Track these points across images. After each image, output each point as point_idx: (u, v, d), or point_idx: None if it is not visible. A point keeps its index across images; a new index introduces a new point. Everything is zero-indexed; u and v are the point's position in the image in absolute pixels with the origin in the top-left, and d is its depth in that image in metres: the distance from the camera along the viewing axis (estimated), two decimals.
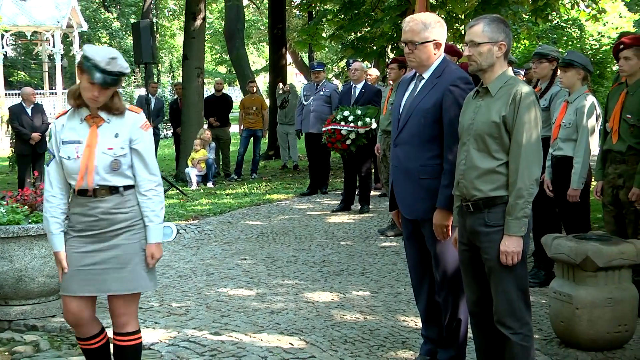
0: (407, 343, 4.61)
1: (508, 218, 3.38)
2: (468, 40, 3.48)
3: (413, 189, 3.92)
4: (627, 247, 4.30)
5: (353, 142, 9.28)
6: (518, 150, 3.36)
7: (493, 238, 3.42)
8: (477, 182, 3.44)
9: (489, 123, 3.41)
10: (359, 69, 9.72)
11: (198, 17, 13.27)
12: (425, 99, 3.88)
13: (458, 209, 3.63)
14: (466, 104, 3.62)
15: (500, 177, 3.41)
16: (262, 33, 38.17)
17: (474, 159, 3.45)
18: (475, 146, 3.46)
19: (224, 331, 4.87)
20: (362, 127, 9.19)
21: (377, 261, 6.97)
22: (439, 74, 3.89)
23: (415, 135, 3.90)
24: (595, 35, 24.12)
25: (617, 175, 5.16)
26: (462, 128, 3.57)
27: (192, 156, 12.66)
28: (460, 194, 3.55)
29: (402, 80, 4.21)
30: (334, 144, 9.47)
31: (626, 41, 5.11)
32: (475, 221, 3.48)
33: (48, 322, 5.14)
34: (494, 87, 3.46)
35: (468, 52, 3.48)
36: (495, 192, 3.42)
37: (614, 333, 4.27)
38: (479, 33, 3.44)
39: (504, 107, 3.39)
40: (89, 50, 3.43)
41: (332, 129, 9.36)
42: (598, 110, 5.45)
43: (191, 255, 7.34)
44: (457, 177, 3.58)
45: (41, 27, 30.05)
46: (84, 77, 3.39)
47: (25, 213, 5.28)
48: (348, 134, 9.22)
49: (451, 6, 13.14)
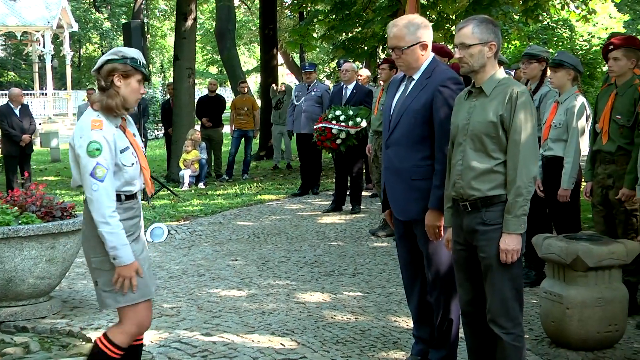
0: (398, 343, 4.61)
1: (507, 216, 3.39)
2: (458, 42, 3.48)
3: (405, 190, 3.93)
4: (617, 247, 4.31)
5: (343, 142, 9.28)
6: (516, 149, 3.37)
7: (491, 236, 3.43)
8: (475, 182, 3.45)
9: (486, 123, 3.42)
10: (349, 70, 9.72)
11: (189, 18, 13.25)
12: (416, 99, 3.89)
13: (452, 209, 3.63)
14: (458, 105, 3.63)
15: (498, 176, 3.43)
16: (254, 33, 38.12)
17: (471, 159, 3.46)
18: (472, 146, 3.46)
19: (215, 332, 4.86)
20: (353, 127, 9.20)
21: (369, 261, 6.97)
22: (428, 75, 3.90)
23: (406, 136, 3.91)
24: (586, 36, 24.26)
25: (607, 176, 5.18)
26: (456, 128, 3.57)
27: (184, 157, 12.64)
28: (457, 194, 3.54)
29: (392, 81, 4.23)
30: (323, 142, 9.47)
31: (615, 42, 5.13)
32: (472, 220, 3.49)
33: (38, 324, 5.12)
34: (488, 87, 3.47)
35: (459, 55, 3.49)
36: (493, 192, 3.43)
37: (604, 333, 4.29)
38: (469, 35, 3.45)
39: (500, 107, 3.40)
40: (129, 51, 3.45)
41: (322, 127, 9.36)
42: (588, 110, 5.47)
43: (182, 256, 7.33)
44: (452, 178, 3.58)
45: (31, 27, 29.97)
46: (133, 79, 3.43)
47: (15, 214, 5.25)
48: (339, 133, 9.23)
49: (442, 7, 13.17)
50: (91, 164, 3.32)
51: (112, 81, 3.42)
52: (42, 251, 5.17)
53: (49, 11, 29.98)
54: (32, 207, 5.34)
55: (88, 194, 3.34)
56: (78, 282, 6.29)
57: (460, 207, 3.55)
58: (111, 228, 3.32)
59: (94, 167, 3.31)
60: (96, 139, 3.34)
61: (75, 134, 3.39)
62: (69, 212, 5.48)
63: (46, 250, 5.19)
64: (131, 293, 3.43)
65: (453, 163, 3.58)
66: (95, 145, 3.33)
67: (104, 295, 3.43)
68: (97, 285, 3.45)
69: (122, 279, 3.38)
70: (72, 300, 5.73)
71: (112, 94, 3.42)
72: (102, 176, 3.33)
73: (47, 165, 17.64)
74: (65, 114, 30.93)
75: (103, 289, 3.42)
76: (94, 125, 3.37)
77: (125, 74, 3.42)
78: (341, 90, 9.82)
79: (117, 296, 3.42)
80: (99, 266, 3.42)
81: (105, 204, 3.32)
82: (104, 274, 3.41)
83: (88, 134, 3.35)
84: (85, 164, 3.33)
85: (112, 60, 3.42)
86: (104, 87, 3.43)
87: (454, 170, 3.56)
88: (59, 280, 5.51)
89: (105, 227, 3.32)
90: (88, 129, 3.36)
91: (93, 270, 3.46)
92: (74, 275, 6.50)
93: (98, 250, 3.40)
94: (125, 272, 3.37)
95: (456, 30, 3.54)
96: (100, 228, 3.32)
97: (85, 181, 3.34)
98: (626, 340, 4.56)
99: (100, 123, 3.38)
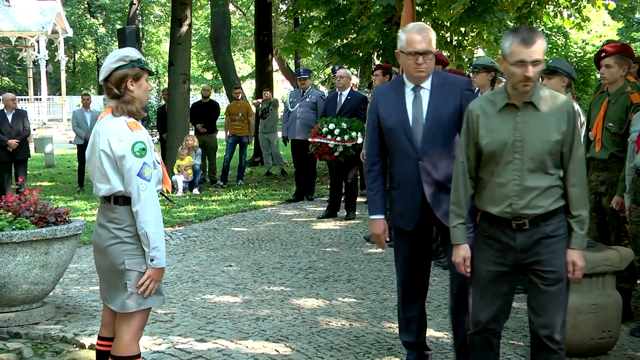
0: (392, 350, 4.61)
1: (579, 232, 3.33)
2: (534, 59, 3.20)
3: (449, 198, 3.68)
4: (610, 253, 4.33)
5: (341, 154, 9.39)
6: (580, 165, 3.33)
7: (556, 248, 3.32)
8: (537, 201, 3.30)
9: (551, 142, 3.26)
10: (344, 76, 9.70)
11: (184, 24, 13.27)
12: (444, 106, 3.85)
13: (498, 230, 3.40)
14: (488, 118, 3.36)
15: (557, 189, 3.33)
16: (248, 39, 38.17)
17: (530, 179, 3.29)
18: (531, 166, 3.28)
19: (209, 338, 4.85)
20: (349, 141, 9.27)
21: (363, 268, 6.97)
22: (442, 81, 3.89)
23: (442, 144, 3.85)
24: (580, 43, 24.35)
25: (600, 183, 5.20)
26: (499, 145, 3.32)
27: (178, 163, 12.63)
28: (512, 214, 3.33)
29: (380, 92, 4.11)
30: (321, 156, 9.60)
31: (608, 49, 5.16)
32: (531, 236, 3.33)
33: (32, 330, 5.10)
34: (538, 101, 3.30)
35: (531, 73, 3.20)
36: (554, 205, 3.32)
37: (598, 339, 4.30)
38: (542, 50, 3.22)
39: (563, 123, 3.28)
40: (132, 53, 3.46)
41: (318, 142, 9.43)
42: (582, 117, 5.49)
43: (177, 262, 7.32)
44: (505, 198, 3.34)
45: (26, 32, 29.94)
46: (142, 80, 3.46)
47: (9, 219, 5.24)
48: (335, 147, 9.32)
49: (437, 13, 13.21)
50: (138, 164, 3.34)
51: (125, 87, 3.43)
52: (36, 257, 5.16)
53: (43, 16, 29.95)
54: (26, 213, 5.33)
55: (135, 195, 3.33)
56: (72, 288, 6.27)
57: (511, 226, 3.35)
58: (157, 228, 3.36)
59: (142, 167, 3.34)
60: (141, 139, 3.37)
61: (111, 140, 3.36)
62: (63, 218, 5.47)
63: (40, 256, 5.18)
64: (155, 296, 3.46)
65: (500, 182, 3.35)
66: (141, 145, 3.37)
67: (131, 297, 3.40)
68: (126, 287, 3.40)
69: (149, 281, 3.39)
70: (65, 306, 5.72)
71: (129, 99, 3.43)
72: (149, 176, 3.36)
73: (41, 171, 17.61)
74: (59, 120, 30.89)
75: (132, 291, 3.40)
76: (133, 126, 3.39)
77: (136, 77, 3.43)
78: (335, 96, 9.82)
79: (139, 299, 3.42)
80: (133, 267, 3.39)
81: (154, 203, 3.35)
82: (136, 275, 3.39)
83: (130, 135, 3.36)
84: (131, 165, 3.33)
85: (122, 67, 3.41)
86: (118, 94, 3.43)
87: (507, 190, 3.33)
88: (53, 286, 5.49)
89: (152, 227, 3.34)
90: (127, 131, 3.36)
91: (123, 273, 3.40)
92: (68, 281, 6.49)
93: (135, 251, 3.39)
94: (158, 275, 3.41)
95: (526, 44, 3.19)
96: (147, 228, 3.33)
97: (132, 182, 3.33)
98: (620, 347, 4.58)
99: (137, 124, 3.41)
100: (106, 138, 3.38)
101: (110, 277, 3.47)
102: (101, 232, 3.47)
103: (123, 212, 3.40)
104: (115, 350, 3.49)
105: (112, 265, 3.43)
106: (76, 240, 5.53)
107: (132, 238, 3.40)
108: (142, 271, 3.40)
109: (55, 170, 17.74)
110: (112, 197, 3.42)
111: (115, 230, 3.42)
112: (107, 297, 3.53)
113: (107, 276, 3.49)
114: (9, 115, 11.32)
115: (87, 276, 6.68)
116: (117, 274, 3.43)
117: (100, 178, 3.43)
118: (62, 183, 14.78)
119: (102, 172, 3.41)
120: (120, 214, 3.41)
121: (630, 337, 4.84)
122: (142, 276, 3.39)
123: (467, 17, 12.42)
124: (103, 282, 3.56)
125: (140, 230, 3.35)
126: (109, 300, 3.51)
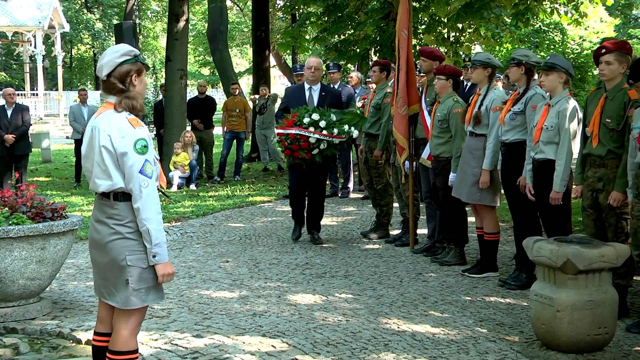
0: (389, 345, 4.62)
1: None
2: None
3: None
4: (607, 250, 4.33)
5: (320, 152, 7.49)
6: None
7: None
8: None
9: None
10: (319, 68, 7.90)
11: (181, 19, 13.22)
12: None
13: None
14: None
15: None
16: (246, 35, 38.12)
17: None
18: None
19: (206, 334, 4.85)
20: (338, 136, 7.44)
21: (360, 264, 6.98)
22: None
23: None
24: (577, 39, 24.37)
25: (597, 179, 5.20)
26: None
27: (174, 160, 12.62)
28: None
29: None
30: (294, 152, 7.45)
31: (608, 45, 5.16)
32: None
33: (28, 325, 5.09)
34: None
35: None
36: None
37: (594, 335, 4.30)
38: None
39: None
40: (132, 48, 3.46)
41: (297, 134, 7.37)
42: (579, 113, 5.49)
43: (173, 258, 7.31)
44: None
45: (22, 27, 29.86)
46: (142, 75, 3.47)
47: (6, 215, 5.23)
48: (318, 143, 7.39)
49: (434, 9, 13.22)
50: (140, 161, 3.34)
51: (130, 82, 3.42)
52: (33, 252, 5.15)
53: (40, 11, 29.85)
54: (23, 208, 5.32)
55: (136, 192, 3.33)
56: (68, 284, 6.27)
57: None
58: (159, 224, 3.38)
59: (144, 164, 3.34)
60: (143, 137, 3.38)
61: (113, 136, 3.34)
62: (59, 213, 5.46)
63: (36, 251, 5.17)
64: (156, 293, 3.47)
65: None
66: (143, 142, 3.37)
67: (133, 293, 3.40)
68: (128, 283, 3.40)
69: (163, 278, 3.43)
70: (62, 301, 5.71)
71: (133, 94, 3.43)
72: (151, 173, 3.37)
73: (38, 166, 17.57)
74: (56, 115, 30.83)
75: (134, 287, 3.39)
76: (135, 123, 3.38)
77: (139, 71, 3.44)
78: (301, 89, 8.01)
79: (143, 295, 3.42)
80: (134, 264, 3.39)
81: (155, 200, 3.36)
82: (138, 272, 3.39)
83: (132, 132, 3.35)
84: (134, 162, 3.33)
85: (126, 62, 3.40)
86: (122, 88, 3.42)
87: None
88: (49, 281, 5.49)
89: (154, 224, 3.35)
90: (129, 127, 3.36)
91: (124, 269, 3.39)
92: (65, 276, 6.48)
93: (136, 247, 3.39)
94: (165, 269, 3.43)
95: None
96: (149, 224, 3.34)
97: (133, 179, 3.33)
98: (616, 343, 4.59)
99: (138, 121, 3.41)
100: (107, 134, 3.36)
101: (109, 273, 3.46)
102: (100, 228, 3.45)
103: (124, 208, 3.39)
104: (114, 345, 3.49)
105: (113, 261, 3.41)
106: (73, 235, 5.52)
107: (134, 234, 3.40)
108: (143, 267, 3.40)
109: (52, 166, 17.70)
110: (112, 194, 3.41)
111: (115, 226, 3.41)
112: (104, 293, 3.52)
113: (106, 272, 3.47)
114: (9, 110, 11.31)
115: (84, 271, 6.67)
116: (117, 270, 3.41)
117: (101, 174, 3.41)
118: (58, 178, 14.76)
119: (102, 168, 3.39)
120: (120, 210, 3.40)
121: (626, 333, 4.85)
122: (144, 272, 3.40)
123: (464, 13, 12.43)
124: (100, 279, 3.54)
125: (142, 227, 3.35)
126: (107, 296, 3.50)
